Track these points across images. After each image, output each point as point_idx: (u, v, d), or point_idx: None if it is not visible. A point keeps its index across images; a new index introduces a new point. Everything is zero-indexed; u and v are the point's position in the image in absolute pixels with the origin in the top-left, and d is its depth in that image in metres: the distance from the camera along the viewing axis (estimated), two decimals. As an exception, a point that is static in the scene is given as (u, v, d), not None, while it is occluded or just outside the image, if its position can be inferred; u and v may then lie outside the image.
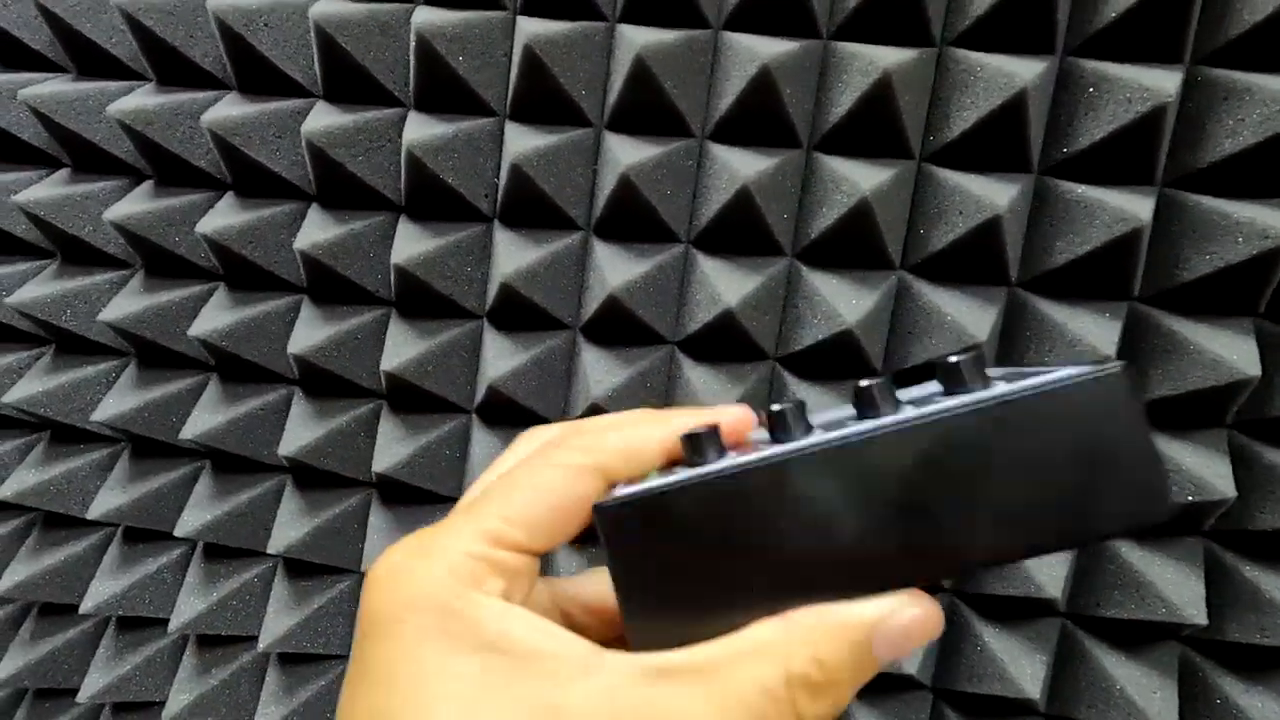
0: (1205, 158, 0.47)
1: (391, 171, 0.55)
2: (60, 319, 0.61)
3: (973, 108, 0.48)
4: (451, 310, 0.56)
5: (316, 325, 0.57)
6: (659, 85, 0.50)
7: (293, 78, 0.55)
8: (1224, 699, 0.50)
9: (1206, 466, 0.48)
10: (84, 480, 0.63)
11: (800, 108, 0.50)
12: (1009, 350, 0.51)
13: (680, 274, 0.54)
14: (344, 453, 0.58)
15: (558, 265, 0.55)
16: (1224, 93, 0.46)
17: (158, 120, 0.56)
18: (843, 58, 0.49)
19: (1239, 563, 0.50)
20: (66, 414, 0.62)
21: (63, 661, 0.66)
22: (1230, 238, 0.46)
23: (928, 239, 0.51)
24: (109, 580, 0.63)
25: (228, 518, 0.60)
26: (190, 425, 0.58)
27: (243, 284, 0.59)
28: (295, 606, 0.60)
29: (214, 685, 0.63)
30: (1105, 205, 0.47)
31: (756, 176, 0.50)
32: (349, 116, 0.54)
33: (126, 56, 0.59)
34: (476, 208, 0.55)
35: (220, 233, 0.56)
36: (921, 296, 0.51)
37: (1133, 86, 0.45)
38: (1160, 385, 0.49)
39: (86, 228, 0.60)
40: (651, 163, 0.51)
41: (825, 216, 0.51)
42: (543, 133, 0.53)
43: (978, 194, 0.48)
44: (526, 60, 0.51)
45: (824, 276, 0.52)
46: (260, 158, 0.55)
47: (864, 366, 0.52)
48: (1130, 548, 0.51)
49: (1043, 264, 0.50)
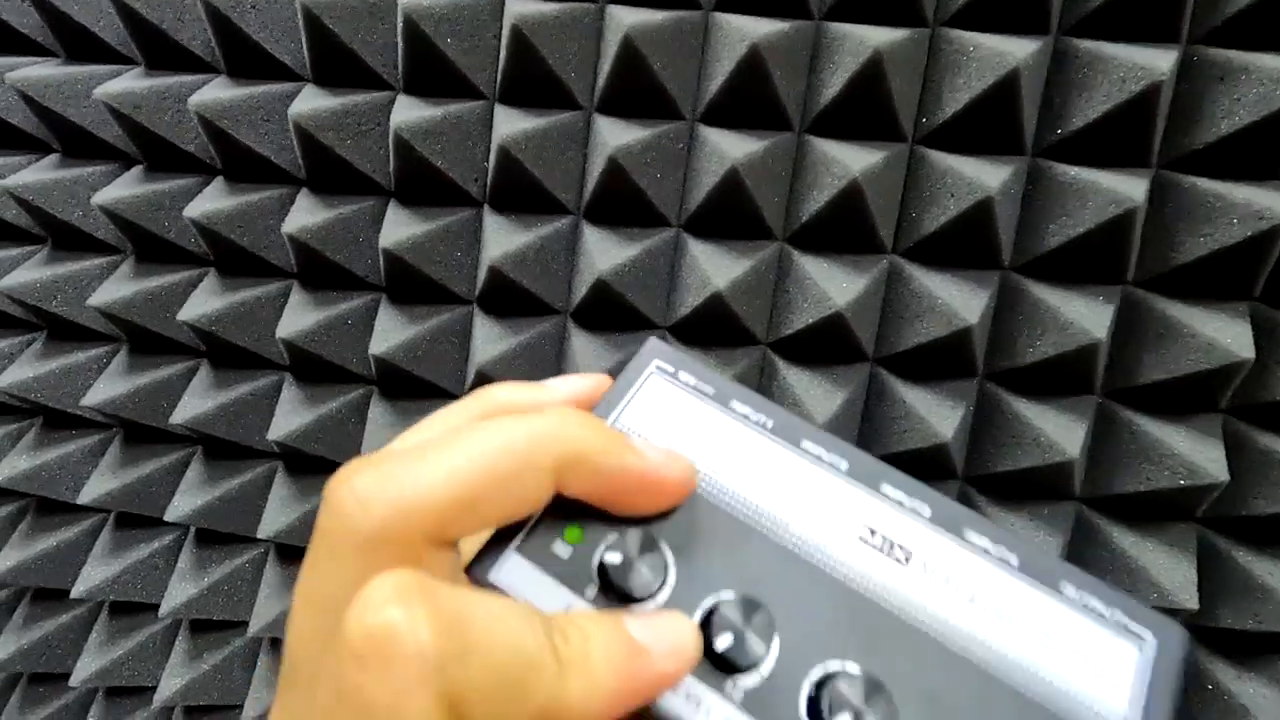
0: (1200, 138, 0.46)
1: (380, 155, 0.55)
2: (51, 304, 0.60)
3: (965, 88, 0.47)
4: (441, 295, 0.56)
5: (306, 310, 0.57)
6: (648, 67, 0.49)
7: (281, 61, 0.55)
8: (1216, 685, 0.50)
9: (1199, 451, 0.48)
10: (76, 466, 0.63)
11: (791, 89, 0.50)
12: (1001, 334, 0.51)
13: (670, 258, 0.54)
14: (334, 438, 0.58)
15: (547, 250, 0.54)
16: (1220, 72, 0.45)
17: (146, 104, 0.56)
18: (834, 38, 0.49)
19: (1232, 548, 0.50)
20: (58, 399, 0.61)
21: (56, 646, 0.66)
22: (1225, 219, 0.46)
23: (919, 222, 0.50)
24: (101, 565, 0.63)
25: (219, 503, 0.60)
26: (181, 410, 0.58)
27: (232, 269, 0.59)
28: (286, 591, 0.60)
29: (206, 670, 0.63)
30: (1099, 187, 0.47)
31: (747, 159, 0.49)
32: (337, 100, 0.54)
33: (115, 40, 0.59)
34: (466, 191, 0.55)
35: (209, 217, 0.55)
36: (913, 280, 0.51)
37: (1127, 66, 0.45)
38: (1154, 369, 0.49)
39: (76, 212, 0.60)
40: (641, 145, 0.51)
41: (816, 199, 0.50)
42: (532, 116, 0.52)
43: (970, 176, 0.48)
44: (515, 42, 0.50)
45: (815, 260, 0.52)
46: (249, 141, 0.55)
47: (855, 350, 0.52)
48: (1122, 533, 0.51)
49: (1036, 247, 0.49)
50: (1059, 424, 0.50)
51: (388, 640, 0.15)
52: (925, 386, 0.52)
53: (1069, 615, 0.20)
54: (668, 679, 0.18)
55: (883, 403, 0.53)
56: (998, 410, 0.52)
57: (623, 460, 0.20)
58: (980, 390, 0.52)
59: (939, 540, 0.21)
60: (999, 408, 0.52)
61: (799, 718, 0.18)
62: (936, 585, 0.20)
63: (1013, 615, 0.20)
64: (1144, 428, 0.49)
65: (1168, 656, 0.19)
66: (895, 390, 0.52)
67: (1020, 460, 0.50)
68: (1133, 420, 0.50)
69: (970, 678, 0.19)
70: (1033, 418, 0.50)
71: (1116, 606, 0.20)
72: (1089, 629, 0.20)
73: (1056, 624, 0.20)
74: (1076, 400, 0.51)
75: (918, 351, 0.51)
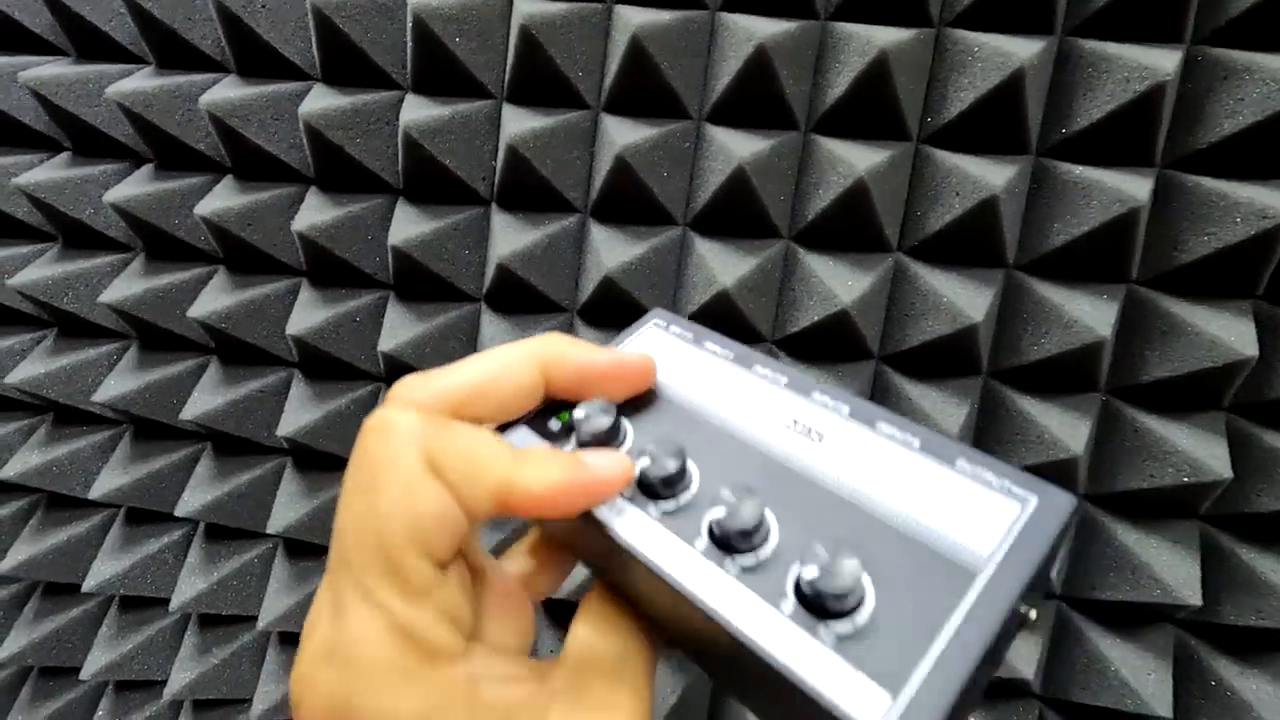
0: (1204, 138, 0.46)
1: (389, 154, 0.55)
2: (62, 301, 0.61)
3: (970, 88, 0.48)
4: (449, 293, 0.57)
5: (315, 307, 0.57)
6: (656, 66, 0.50)
7: (291, 60, 0.55)
8: (1219, 681, 0.50)
9: (1203, 448, 0.48)
10: (86, 461, 0.64)
11: (797, 89, 0.50)
12: (1005, 332, 0.51)
13: (677, 256, 0.54)
14: (343, 434, 0.59)
15: (555, 247, 0.55)
16: (1224, 72, 0.46)
17: (157, 102, 0.56)
18: (840, 38, 0.49)
19: (1235, 545, 0.50)
20: (69, 395, 0.62)
21: (66, 640, 0.67)
22: (1229, 218, 0.46)
23: (924, 220, 0.51)
24: (111, 560, 0.63)
25: (228, 498, 0.61)
26: (191, 406, 0.59)
27: (242, 266, 0.59)
28: (295, 586, 0.61)
29: (215, 664, 0.64)
30: (1103, 186, 0.47)
31: (753, 158, 0.49)
32: (347, 99, 0.54)
33: (126, 39, 0.59)
34: (474, 190, 0.55)
35: (219, 215, 0.56)
36: (918, 278, 0.51)
37: (1132, 66, 0.45)
38: (1158, 367, 0.49)
39: (87, 210, 0.61)
40: (648, 144, 0.51)
41: (822, 198, 0.51)
42: (540, 115, 0.53)
43: (975, 175, 0.48)
44: (524, 41, 0.50)
45: (820, 258, 0.52)
46: (259, 140, 0.56)
47: (860, 348, 0.52)
48: (1126, 529, 0.51)
49: (1040, 245, 0.50)
50: (1063, 421, 0.50)
51: (389, 421, 0.22)
52: (930, 384, 0.52)
53: (958, 481, 0.22)
54: (602, 485, 0.23)
55: (888, 400, 0.53)
56: (1002, 407, 0.52)
57: (593, 354, 0.26)
58: (985, 388, 0.53)
59: (851, 427, 0.24)
60: (1003, 405, 0.52)
61: (702, 533, 0.23)
62: (839, 456, 0.24)
63: (903, 479, 0.22)
64: (1148, 425, 0.50)
65: (1047, 515, 0.20)
66: (900, 388, 0.52)
67: (1025, 457, 0.51)
68: (1136, 418, 0.50)
69: (848, 514, 0.22)
70: (1037, 415, 0.50)
71: (1006, 477, 0.21)
72: (975, 491, 0.21)
73: (945, 487, 0.22)
74: (1080, 398, 0.51)
75: (923, 349, 0.51)
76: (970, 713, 0.20)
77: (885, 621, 0.19)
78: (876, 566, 0.20)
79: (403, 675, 0.20)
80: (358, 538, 0.21)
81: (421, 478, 0.21)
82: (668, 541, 0.23)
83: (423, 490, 0.21)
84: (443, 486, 0.21)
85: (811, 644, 0.19)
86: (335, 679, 0.20)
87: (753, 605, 0.20)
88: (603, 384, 0.27)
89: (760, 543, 0.22)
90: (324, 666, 0.20)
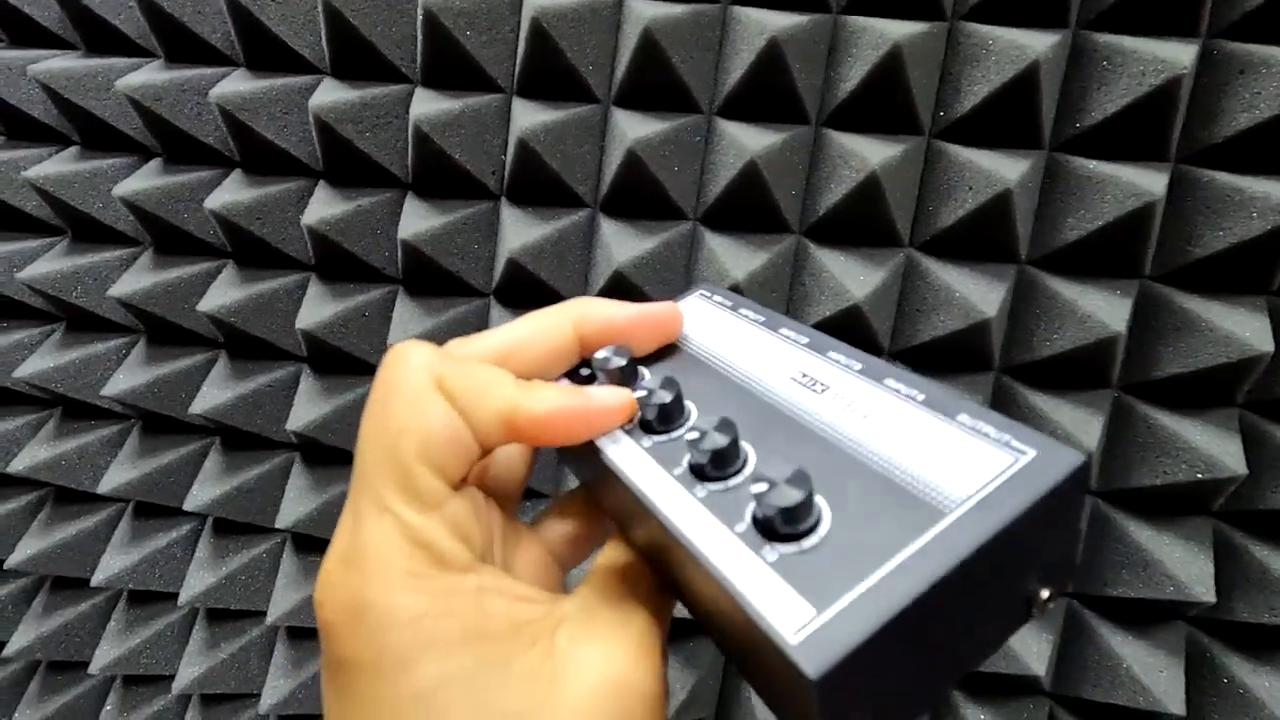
0: (1220, 132, 0.46)
1: (399, 148, 0.55)
2: (71, 295, 0.61)
3: (984, 82, 0.47)
4: (458, 287, 0.57)
5: (324, 302, 0.57)
6: (667, 59, 0.50)
7: (300, 54, 0.55)
8: (1231, 678, 0.50)
9: (1216, 444, 0.48)
10: (95, 455, 0.64)
11: (809, 82, 0.50)
12: (1018, 327, 0.51)
13: (687, 251, 0.54)
14: (351, 429, 0.59)
15: (565, 242, 0.55)
16: (1240, 66, 0.45)
17: (166, 96, 0.56)
18: (853, 31, 0.49)
19: (1248, 542, 0.50)
20: (78, 390, 0.62)
21: (75, 634, 0.67)
22: (1244, 213, 0.46)
23: (937, 215, 0.50)
24: (120, 554, 0.63)
25: (237, 493, 0.61)
26: (199, 401, 0.59)
27: (251, 260, 0.59)
28: (304, 580, 0.61)
29: (223, 659, 0.64)
30: (1117, 181, 0.47)
31: (764, 152, 0.49)
32: (356, 92, 0.54)
33: (135, 33, 0.59)
34: (484, 184, 0.55)
35: (228, 209, 0.56)
36: (930, 273, 0.51)
37: (1147, 59, 0.45)
38: (1171, 363, 0.49)
39: (96, 204, 0.61)
40: (659, 138, 0.51)
41: (834, 193, 0.50)
42: (550, 109, 0.53)
43: (988, 169, 0.48)
44: (534, 34, 0.50)
45: (832, 253, 0.52)
46: (268, 134, 0.55)
47: (872, 343, 0.52)
48: (1139, 526, 0.51)
49: (1053, 241, 0.49)
50: (1075, 417, 0.50)
51: (402, 351, 0.24)
52: (942, 379, 0.52)
53: (954, 432, 0.21)
54: (602, 412, 0.25)
55: (898, 396, 0.53)
56: (1014, 404, 0.52)
57: (623, 308, 0.28)
58: (997, 383, 0.52)
59: (857, 382, 0.25)
60: (1015, 401, 0.52)
61: (682, 463, 0.23)
62: (837, 405, 0.24)
63: (897, 427, 0.22)
64: (1161, 421, 0.49)
65: (1043, 468, 0.19)
66: (911, 383, 0.52)
67: (1036, 453, 0.50)
68: (1149, 414, 0.50)
69: (830, 453, 0.22)
70: (1049, 411, 0.50)
71: (1009, 432, 0.20)
72: (968, 441, 0.21)
73: (938, 436, 0.21)
74: (1093, 394, 0.51)
75: (935, 345, 0.51)
76: (945, 689, 0.19)
77: (833, 547, 0.19)
78: (840, 498, 0.20)
79: (413, 577, 0.21)
80: (373, 453, 0.23)
81: (430, 395, 0.23)
82: (649, 467, 0.24)
83: (431, 407, 0.23)
84: (451, 408, 0.23)
85: (753, 559, 0.19)
86: (352, 580, 0.21)
87: (709, 524, 0.21)
88: (629, 334, 0.28)
89: (733, 473, 0.22)
90: (342, 570, 0.22)
